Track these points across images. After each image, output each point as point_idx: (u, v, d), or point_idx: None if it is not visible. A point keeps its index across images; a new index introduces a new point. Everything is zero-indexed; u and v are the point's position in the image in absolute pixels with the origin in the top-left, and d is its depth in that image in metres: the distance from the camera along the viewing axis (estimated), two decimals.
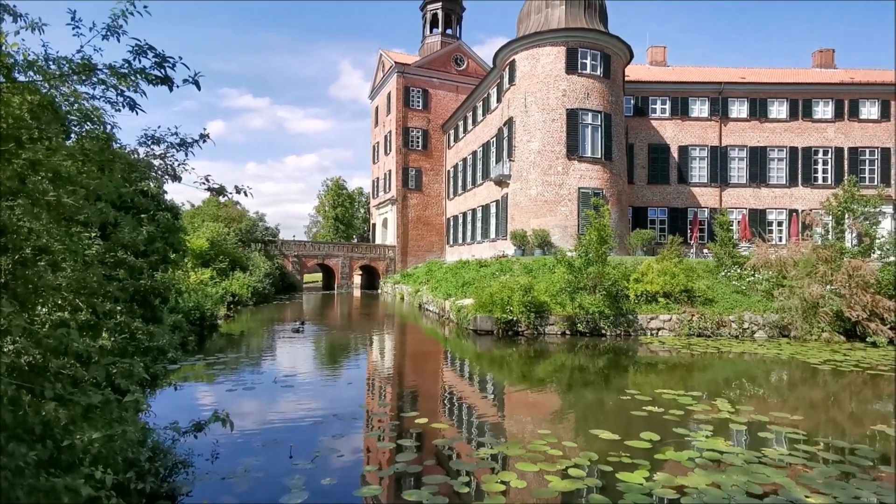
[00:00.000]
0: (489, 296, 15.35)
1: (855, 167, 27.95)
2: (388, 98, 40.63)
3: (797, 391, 9.67)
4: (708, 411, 7.49)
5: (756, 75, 30.46)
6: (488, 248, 28.52)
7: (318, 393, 8.72)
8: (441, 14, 41.69)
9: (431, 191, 40.11)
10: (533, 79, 24.41)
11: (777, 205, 28.37)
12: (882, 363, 11.23)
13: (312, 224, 72.67)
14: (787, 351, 12.66)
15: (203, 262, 22.16)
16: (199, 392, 8.77)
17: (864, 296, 13.92)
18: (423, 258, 38.56)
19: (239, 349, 13.03)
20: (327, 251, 38.35)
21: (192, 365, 10.41)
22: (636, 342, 14.14)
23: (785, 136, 28.49)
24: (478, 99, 32.33)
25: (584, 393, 9.18)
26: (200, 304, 14.34)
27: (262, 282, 26.66)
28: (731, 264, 17.90)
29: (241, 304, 21.75)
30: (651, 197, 28.47)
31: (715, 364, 11.68)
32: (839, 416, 8.02)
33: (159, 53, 3.40)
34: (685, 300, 15.52)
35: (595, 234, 15.48)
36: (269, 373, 9.98)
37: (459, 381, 10.39)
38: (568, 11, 24.37)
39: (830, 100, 28.47)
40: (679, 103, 28.60)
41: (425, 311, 22.39)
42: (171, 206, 7.45)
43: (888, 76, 30.31)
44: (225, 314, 17.81)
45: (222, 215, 30.55)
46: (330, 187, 63.75)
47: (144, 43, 3.42)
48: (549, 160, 23.84)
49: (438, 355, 13.72)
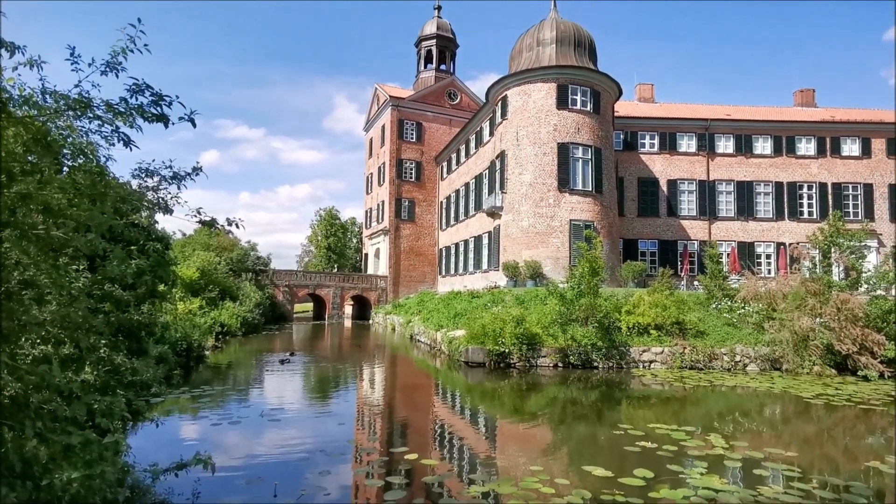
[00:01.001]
0: (481, 327, 15.27)
1: (839, 202, 28.53)
2: (383, 130, 41.23)
3: (791, 426, 9.60)
4: (702, 447, 7.39)
5: (741, 112, 31.34)
6: (480, 279, 28.52)
7: (305, 427, 8.53)
8: (435, 50, 42.79)
9: (424, 221, 40.32)
10: (525, 113, 24.94)
11: (765, 238, 28.77)
12: (874, 397, 11.21)
13: (304, 254, 72.46)
14: (780, 384, 12.62)
15: (192, 292, 21.92)
16: (182, 426, 8.55)
17: (853, 329, 14.00)
18: (414, 288, 38.43)
19: (226, 381, 12.78)
20: (318, 281, 38.14)
21: (176, 398, 10.16)
22: (628, 375, 14.04)
23: (770, 171, 29.13)
24: (471, 132, 32.90)
25: (577, 427, 9.06)
26: (188, 334, 14.12)
27: (252, 312, 26.36)
28: (722, 297, 17.98)
29: (229, 334, 21.44)
30: (641, 229, 28.78)
31: (708, 398, 11.60)
32: (833, 451, 7.94)
33: (156, 92, 3.46)
34: (677, 332, 15.52)
35: (587, 266, 15.55)
36: (256, 406, 9.77)
37: (450, 415, 10.22)
38: (558, 50, 25.12)
39: (813, 137, 29.27)
40: (667, 138, 29.26)
41: (416, 342, 22.18)
42: (162, 235, 7.42)
43: (867, 115, 31.36)
44: (213, 345, 17.53)
45: (214, 244, 30.38)
46: (323, 217, 63.88)
47: (142, 81, 3.48)
48: (540, 192, 24.13)
49: (429, 388, 13.53)
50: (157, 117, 3.69)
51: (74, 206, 3.25)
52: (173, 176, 4.08)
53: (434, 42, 42.76)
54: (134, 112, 3.65)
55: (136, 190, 4.42)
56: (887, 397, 11.28)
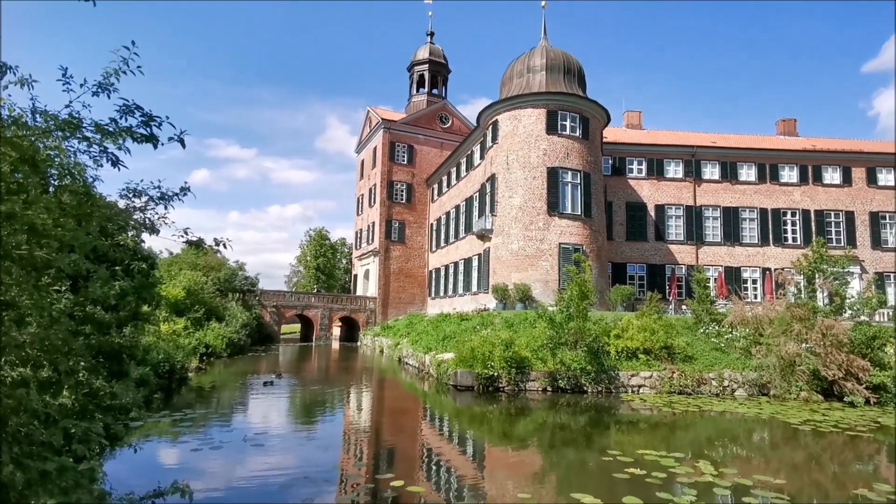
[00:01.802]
0: (470, 350, 15.17)
1: (822, 229, 29.06)
2: (374, 152, 41.51)
3: (779, 452, 9.58)
4: (691, 473, 7.34)
5: (726, 140, 32.04)
6: (470, 302, 28.46)
7: (289, 452, 8.35)
8: (428, 75, 43.47)
9: (414, 243, 40.34)
10: (515, 138, 25.29)
11: (751, 263, 29.14)
12: (860, 424, 11.24)
13: (293, 274, 71.93)
14: (768, 410, 12.63)
15: (177, 312, 21.59)
16: (161, 452, 8.33)
17: (838, 355, 14.10)
18: (404, 310, 38.21)
19: (209, 404, 12.51)
20: (307, 302, 37.80)
21: (156, 422, 9.91)
22: (617, 399, 13.98)
23: (755, 197, 29.68)
24: (462, 155, 33.24)
25: (566, 453, 8.96)
26: (171, 356, 13.86)
27: (239, 333, 25.98)
28: (710, 321, 18.08)
29: (214, 355, 21.08)
30: (630, 253, 29.03)
31: (696, 423, 11.56)
32: (822, 478, 7.92)
33: (146, 113, 3.47)
34: (665, 357, 15.53)
35: (576, 289, 15.59)
36: (239, 430, 9.56)
37: (438, 440, 10.07)
38: (548, 76, 25.64)
39: (795, 165, 29.96)
40: (654, 164, 29.78)
41: (405, 364, 21.96)
42: (148, 255, 7.34)
43: (847, 145, 32.28)
44: (197, 366, 17.21)
45: (201, 264, 30.04)
46: (312, 237, 63.70)
47: (132, 102, 3.50)
48: (530, 216, 24.32)
49: (417, 412, 13.36)
50: (147, 138, 3.69)
51: (59, 225, 3.22)
52: (161, 196, 4.07)
53: (426, 67, 43.47)
54: (123, 133, 3.65)
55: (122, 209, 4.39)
56: (873, 424, 11.32)
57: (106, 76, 3.67)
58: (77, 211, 3.58)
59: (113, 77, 3.66)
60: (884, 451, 9.74)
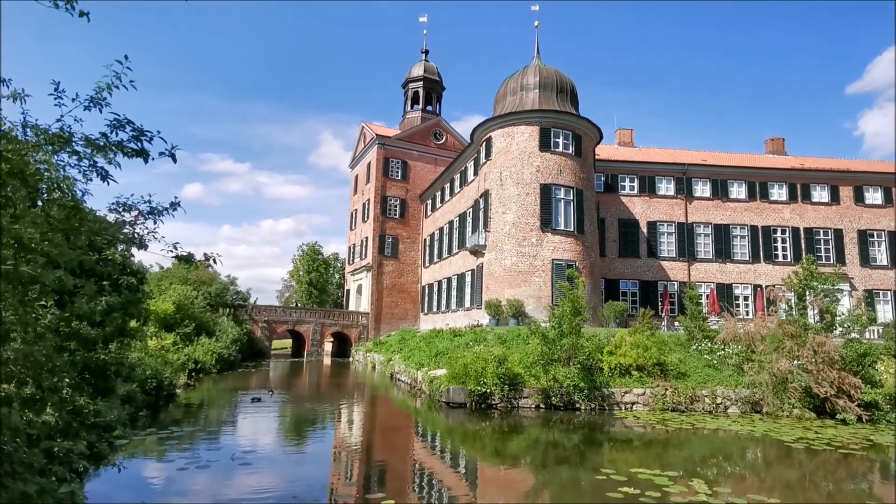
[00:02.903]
0: (463, 367, 15.06)
1: (811, 246, 29.36)
2: (368, 168, 41.67)
3: (773, 471, 9.52)
4: (685, 493, 7.27)
5: (716, 158, 32.47)
6: (463, 317, 28.37)
7: (278, 471, 8.19)
8: (422, 92, 43.90)
9: (407, 258, 40.31)
10: (508, 155, 25.49)
11: (742, 280, 29.32)
12: (853, 441, 11.22)
13: (285, 289, 71.49)
14: (761, 428, 12.59)
15: (167, 327, 21.34)
16: (146, 470, 8.15)
17: (830, 372, 14.12)
18: (396, 326, 38.01)
19: (196, 421, 12.29)
20: (299, 317, 37.52)
21: (142, 440, 9.72)
22: (611, 416, 13.89)
23: (746, 215, 29.99)
24: (455, 171, 33.42)
25: (559, 471, 8.86)
26: (159, 372, 13.65)
27: (229, 348, 25.68)
28: (702, 338, 18.10)
29: (203, 371, 20.79)
30: (622, 270, 29.14)
31: (690, 441, 11.50)
32: (816, 497, 7.87)
33: (137, 127, 3.47)
34: (658, 374, 15.49)
35: (569, 306, 15.57)
36: (227, 448, 9.38)
37: (430, 458, 9.94)
38: (541, 95, 25.97)
39: (784, 183, 30.37)
40: (646, 181, 30.07)
41: (397, 381, 21.77)
42: (137, 269, 7.26)
43: (834, 164, 32.82)
44: (185, 382, 16.95)
45: (192, 278, 29.79)
46: (305, 252, 63.43)
47: (123, 117, 3.50)
48: (523, 232, 24.40)
49: (409, 429, 13.20)
50: (137, 153, 3.68)
51: (47, 240, 3.18)
52: (150, 211, 4.05)
53: (421, 84, 43.92)
54: (114, 147, 3.64)
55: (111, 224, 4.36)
56: (866, 441, 11.31)
57: (98, 90, 3.67)
58: (65, 225, 3.54)
59: (105, 91, 3.66)
60: (877, 469, 9.72)
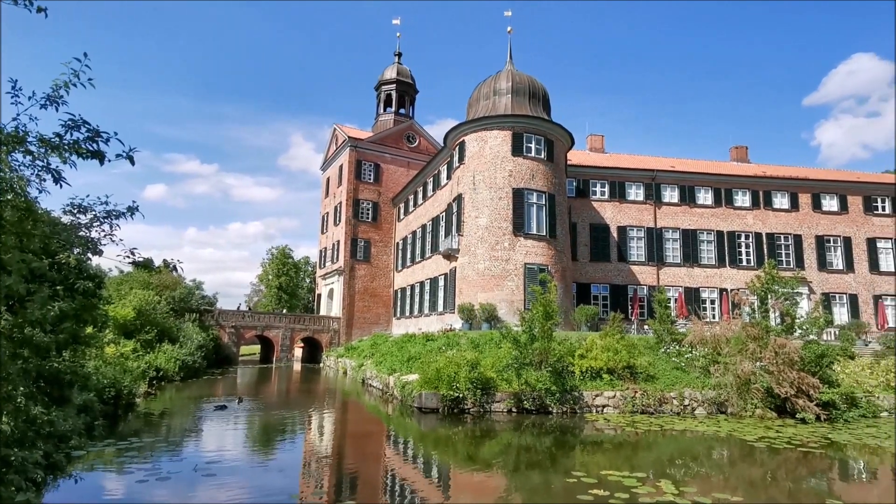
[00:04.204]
0: (435, 371, 14.99)
1: (773, 251, 30.39)
2: (340, 170, 41.25)
3: (736, 469, 9.76)
4: (653, 493, 7.37)
5: (684, 165, 33.33)
6: (436, 321, 28.28)
7: (244, 481, 7.95)
8: (395, 95, 43.74)
9: (380, 262, 40.01)
10: (481, 159, 25.59)
11: (709, 284, 30.11)
12: (812, 440, 11.62)
13: (254, 293, 70.07)
14: (725, 428, 12.90)
15: (126, 334, 20.58)
16: (105, 483, 7.80)
17: (790, 373, 14.60)
18: (368, 330, 37.65)
19: (157, 431, 11.85)
20: (268, 322, 36.77)
21: (100, 451, 9.32)
22: (582, 420, 14.03)
23: (712, 220, 30.86)
24: (428, 175, 33.37)
25: (531, 475, 8.87)
26: (117, 380, 13.12)
27: (194, 354, 24.89)
28: (670, 341, 18.49)
29: (166, 379, 20.11)
30: (594, 274, 29.55)
31: (658, 442, 11.69)
32: (777, 494, 8.09)
33: (93, 128, 3.32)
34: (628, 377, 15.73)
35: (541, 310, 15.67)
36: (190, 459, 9.06)
37: (402, 464, 9.82)
38: (514, 100, 26.18)
39: (748, 190, 31.39)
40: (617, 187, 30.62)
41: (369, 386, 21.52)
42: (95, 273, 6.95)
43: (794, 172, 34.18)
44: (146, 391, 16.35)
45: (154, 282, 28.84)
46: (275, 256, 62.36)
47: (79, 117, 3.36)
48: (496, 236, 24.51)
49: (380, 435, 13.04)
50: (93, 154, 3.53)
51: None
52: (107, 214, 3.87)
53: (394, 87, 43.76)
54: (68, 148, 3.48)
55: (67, 226, 4.16)
56: (824, 440, 11.72)
57: (55, 88, 3.52)
58: (17, 228, 3.36)
59: (63, 90, 3.51)
60: (835, 466, 10.07)
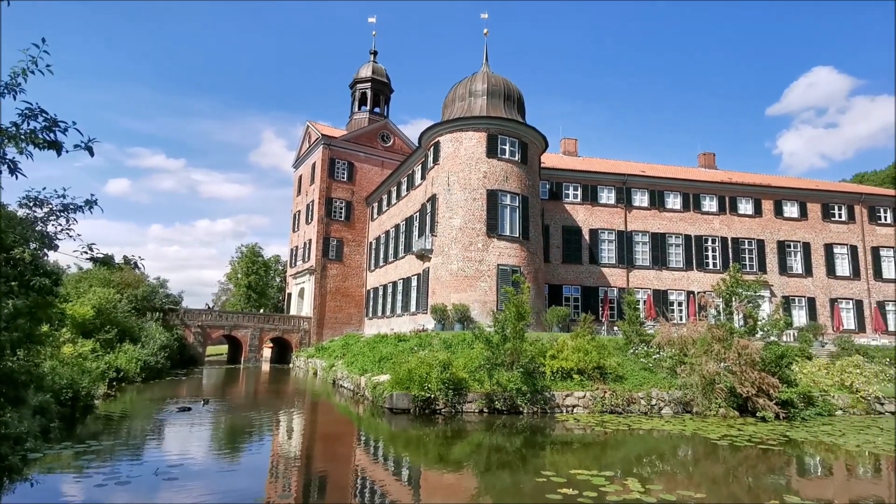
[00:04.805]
0: (407, 372, 14.91)
1: (738, 255, 31.38)
2: (313, 168, 40.72)
3: (700, 467, 10.01)
4: (620, 492, 7.48)
5: (654, 170, 34.10)
6: (408, 322, 28.17)
7: (208, 485, 7.73)
8: (370, 93, 43.43)
9: (352, 262, 39.65)
10: (456, 160, 25.62)
11: (677, 286, 30.85)
12: (771, 437, 12.01)
13: (222, 292, 68.55)
14: (690, 427, 13.22)
15: (85, 333, 19.81)
16: (62, 487, 7.47)
17: (752, 373, 15.08)
18: (340, 331, 37.25)
19: (117, 434, 11.43)
20: (236, 321, 36.00)
21: (58, 454, 8.94)
22: (552, 420, 14.16)
23: (680, 224, 31.65)
24: (403, 175, 33.25)
25: (501, 475, 8.89)
26: (75, 381, 12.61)
27: (156, 355, 24.14)
28: (639, 342, 18.85)
29: (126, 380, 19.44)
30: (565, 275, 29.93)
31: (626, 441, 11.89)
32: (738, 490, 8.32)
33: (50, 117, 3.18)
34: (598, 377, 15.96)
35: (513, 310, 15.75)
36: (151, 462, 8.76)
37: (372, 465, 9.72)
38: (489, 101, 26.31)
39: (715, 196, 32.33)
40: (589, 190, 31.11)
41: (339, 387, 21.28)
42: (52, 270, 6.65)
43: (758, 179, 35.42)
44: (105, 393, 15.77)
45: (115, 280, 27.86)
46: (244, 254, 61.15)
47: (36, 106, 3.21)
48: (469, 237, 24.57)
49: (351, 436, 12.89)
50: (50, 144, 3.37)
51: None
52: (63, 207, 3.71)
53: (369, 85, 43.46)
54: (24, 138, 3.32)
55: (21, 220, 3.97)
56: (783, 437, 12.14)
57: (13, 76, 3.35)
58: None
59: (20, 77, 3.35)
60: (793, 463, 10.42)
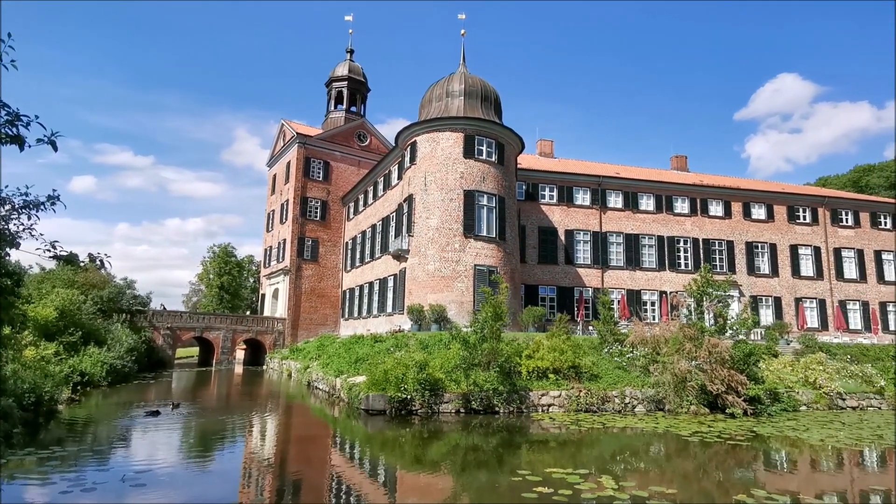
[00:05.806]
0: (383, 373, 14.80)
1: (708, 256, 32.17)
2: (288, 167, 40.15)
3: (672, 464, 10.20)
4: (594, 489, 7.56)
5: (628, 172, 34.68)
6: (385, 323, 28.01)
7: (177, 491, 7.52)
8: (346, 92, 43.06)
9: (328, 262, 39.23)
10: (433, 160, 25.58)
11: (650, 286, 31.43)
12: (739, 434, 12.33)
13: (193, 293, 67.04)
14: (663, 424, 13.47)
15: (48, 335, 19.09)
16: (26, 494, 7.17)
17: (721, 370, 15.47)
18: (315, 332, 36.80)
19: (82, 440, 11.04)
20: (207, 323, 35.23)
21: (20, 460, 8.59)
22: (528, 419, 14.25)
23: (653, 225, 32.26)
24: (379, 175, 33.05)
25: (477, 475, 8.89)
26: (37, 385, 12.13)
27: (123, 358, 23.41)
28: (613, 341, 19.13)
29: (91, 384, 18.80)
30: (542, 276, 30.19)
31: (601, 440, 12.04)
32: (709, 486, 8.51)
33: (12, 111, 3.03)
34: (573, 376, 16.13)
35: (490, 311, 15.80)
36: (118, 468, 8.46)
37: (348, 467, 9.61)
38: (466, 102, 26.35)
39: (687, 198, 33.07)
40: (565, 191, 31.45)
41: (314, 389, 21.01)
42: (13, 270, 6.39)
43: (728, 182, 36.40)
44: (69, 397, 15.22)
45: (80, 280, 26.93)
46: (217, 254, 59.85)
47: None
48: (446, 237, 24.56)
49: (326, 439, 12.73)
50: (12, 139, 3.22)
51: None
52: (25, 204, 3.55)
53: (345, 84, 43.09)
54: None
55: None
56: (750, 433, 12.48)
57: None
58: None
59: None
60: (760, 457, 10.71)
